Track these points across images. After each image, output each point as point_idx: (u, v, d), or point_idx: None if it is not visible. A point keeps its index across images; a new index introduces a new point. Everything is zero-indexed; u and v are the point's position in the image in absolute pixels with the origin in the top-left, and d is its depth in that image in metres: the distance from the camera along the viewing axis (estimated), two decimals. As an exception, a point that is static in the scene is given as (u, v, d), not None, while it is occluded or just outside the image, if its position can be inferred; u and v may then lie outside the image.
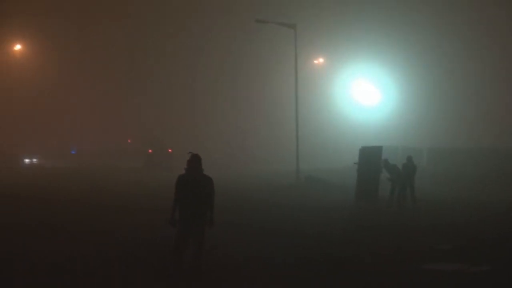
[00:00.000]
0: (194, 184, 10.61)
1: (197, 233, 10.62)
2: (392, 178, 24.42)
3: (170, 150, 58.20)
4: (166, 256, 11.49)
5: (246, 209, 23.89)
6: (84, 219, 19.85)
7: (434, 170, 40.28)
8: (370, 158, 25.44)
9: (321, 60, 69.13)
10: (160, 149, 58.47)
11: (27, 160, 64.25)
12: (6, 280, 11.29)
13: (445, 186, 35.10)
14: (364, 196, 25.43)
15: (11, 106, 70.52)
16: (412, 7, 67.16)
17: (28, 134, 71.18)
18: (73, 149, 72.23)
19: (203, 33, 77.77)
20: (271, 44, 68.98)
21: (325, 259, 13.45)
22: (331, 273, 12.14)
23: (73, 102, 75.51)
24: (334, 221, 20.43)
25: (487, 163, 38.83)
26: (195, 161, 10.76)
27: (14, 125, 71.42)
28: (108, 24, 77.97)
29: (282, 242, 15.82)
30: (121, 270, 11.87)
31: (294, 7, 68.15)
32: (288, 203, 26.60)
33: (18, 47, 65.22)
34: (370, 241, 16.22)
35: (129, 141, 76.82)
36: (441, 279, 11.80)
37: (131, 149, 68.90)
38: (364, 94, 61.23)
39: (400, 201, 24.11)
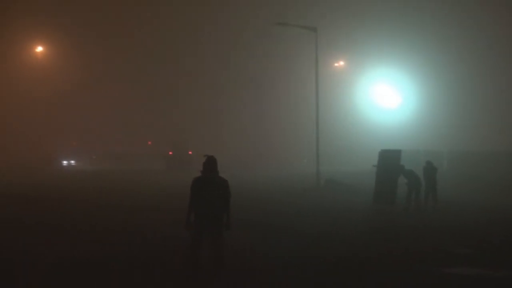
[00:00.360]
0: (210, 187, 10.49)
1: (215, 235, 10.51)
2: (408, 183, 24.37)
3: (190, 152, 58.39)
4: (182, 257, 11.47)
5: (260, 209, 24.22)
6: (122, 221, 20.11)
7: (455, 173, 40.11)
8: (389, 161, 25.52)
9: (341, 63, 69.09)
10: (181, 151, 58.71)
11: (65, 162, 64.92)
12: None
13: (465, 189, 34.90)
14: (382, 198, 25.51)
15: (35, 107, 70.90)
16: (433, 11, 66.98)
17: (56, 136, 71.52)
18: (92, 151, 72.54)
19: (223, 37, 77.96)
20: (292, 47, 69.01)
21: (341, 259, 13.52)
22: (347, 274, 12.17)
23: (95, 103, 75.68)
24: (349, 222, 20.62)
25: (508, 166, 38.62)
26: (211, 163, 10.64)
27: (43, 127, 71.86)
28: (133, 25, 78.43)
29: (292, 241, 16.01)
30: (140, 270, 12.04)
31: (315, 10, 68.17)
32: (304, 204, 26.98)
33: (39, 48, 65.71)
34: (387, 243, 16.27)
35: (149, 143, 77.07)
36: (464, 284, 11.74)
37: (152, 151, 69.07)
38: (384, 96, 61.13)
39: (419, 205, 24.08)
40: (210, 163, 10.62)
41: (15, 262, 12.80)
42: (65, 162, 66.15)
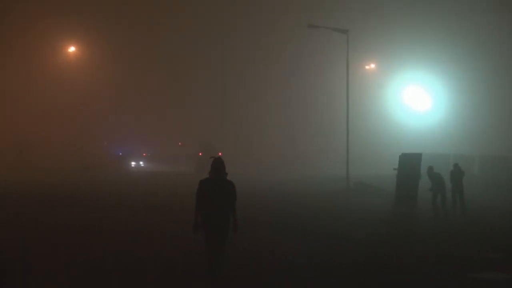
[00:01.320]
0: (217, 188, 10.41)
1: (220, 237, 10.44)
2: (432, 187, 24.19)
3: (220, 154, 58.52)
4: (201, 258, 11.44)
5: (282, 210, 24.86)
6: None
7: (486, 177, 39.79)
8: (410, 165, 25.69)
9: (372, 65, 68.87)
10: (210, 153, 58.80)
11: (133, 163, 65.67)
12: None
13: (496, 193, 34.60)
14: (403, 201, 25.63)
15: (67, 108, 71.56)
16: (464, 15, 66.47)
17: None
18: (119, 150, 72.89)
19: (254, 39, 78.05)
20: (324, 49, 68.95)
21: (366, 262, 13.50)
22: (372, 276, 12.17)
23: (128, 104, 76.25)
24: (373, 224, 20.80)
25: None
26: (218, 165, 10.51)
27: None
28: (165, 25, 78.83)
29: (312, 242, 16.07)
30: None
31: (346, 13, 68.05)
32: (332, 206, 27.54)
33: (72, 49, 66.33)
34: (410, 246, 16.22)
35: (180, 144, 77.37)
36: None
37: (183, 152, 69.37)
38: (415, 100, 60.81)
39: (445, 209, 23.91)
40: (217, 165, 10.53)
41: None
42: (133, 163, 67.11)
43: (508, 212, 26.21)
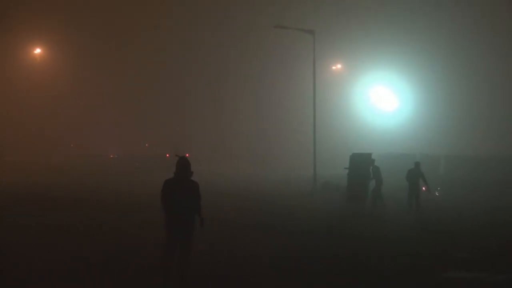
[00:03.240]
0: (181, 188, 10.41)
1: (185, 238, 10.40)
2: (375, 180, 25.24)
3: (187, 155, 58.22)
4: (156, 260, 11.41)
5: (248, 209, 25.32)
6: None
7: (451, 177, 40.11)
8: (360, 164, 26.60)
9: (339, 66, 69.12)
10: (177, 154, 58.35)
11: None
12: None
13: (461, 193, 34.87)
14: (355, 198, 26.52)
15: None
16: (430, 14, 67.10)
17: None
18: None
19: (221, 40, 77.95)
20: (290, 50, 69.09)
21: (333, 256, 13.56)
22: (339, 277, 12.20)
23: (94, 106, 75.64)
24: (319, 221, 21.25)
25: (504, 171, 38.65)
26: (183, 164, 10.49)
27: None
28: (131, 27, 78.30)
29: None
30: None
31: (313, 14, 68.23)
32: (293, 205, 28.10)
33: (38, 50, 65.69)
34: (369, 246, 16.36)
35: (146, 145, 76.96)
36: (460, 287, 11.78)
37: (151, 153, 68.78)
38: (382, 100, 61.22)
39: (376, 204, 24.81)
40: (182, 165, 10.50)
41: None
42: None
43: (473, 211, 26.39)
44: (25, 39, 66.59)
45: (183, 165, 10.48)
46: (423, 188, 25.13)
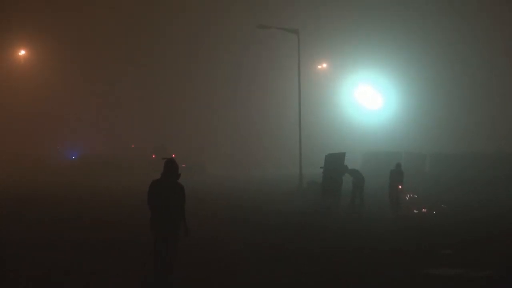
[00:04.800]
0: (168, 190, 10.41)
1: (171, 239, 10.42)
2: (353, 180, 25.58)
3: (173, 155, 58.10)
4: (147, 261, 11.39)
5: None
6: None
7: (437, 175, 40.27)
8: (334, 164, 27.34)
9: (324, 65, 69.23)
10: (163, 155, 58.22)
11: None
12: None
13: (446, 191, 35.00)
14: (329, 194, 27.19)
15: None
16: (416, 13, 67.36)
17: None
18: (72, 154, 71.55)
19: (205, 39, 77.77)
20: (275, 49, 69.07)
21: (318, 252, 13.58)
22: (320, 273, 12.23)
23: (78, 107, 75.22)
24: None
25: (489, 169, 38.82)
26: (170, 166, 10.49)
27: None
28: (114, 25, 77.84)
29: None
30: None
31: (298, 14, 68.21)
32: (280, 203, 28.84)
33: (22, 52, 65.34)
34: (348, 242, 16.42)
35: (132, 146, 76.65)
36: (444, 284, 11.84)
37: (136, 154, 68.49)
38: (367, 98, 61.34)
39: (363, 202, 25.09)
40: (169, 167, 10.51)
41: None
42: None
43: (457, 209, 26.50)
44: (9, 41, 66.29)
45: (170, 167, 10.48)
46: (400, 187, 25.19)
